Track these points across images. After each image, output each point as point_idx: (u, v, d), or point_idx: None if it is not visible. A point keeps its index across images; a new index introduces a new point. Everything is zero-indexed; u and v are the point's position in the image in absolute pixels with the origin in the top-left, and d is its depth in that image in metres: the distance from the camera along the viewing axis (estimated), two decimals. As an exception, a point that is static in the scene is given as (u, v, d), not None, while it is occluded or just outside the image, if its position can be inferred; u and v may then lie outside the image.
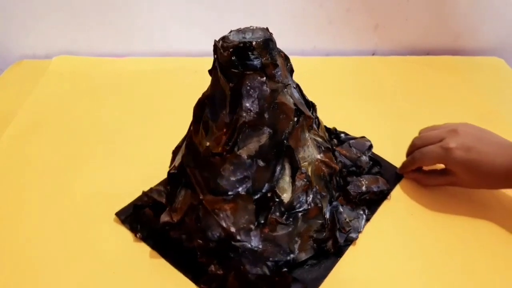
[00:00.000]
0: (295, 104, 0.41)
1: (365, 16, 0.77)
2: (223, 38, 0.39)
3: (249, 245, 0.39)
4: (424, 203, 0.48)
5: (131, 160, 0.55)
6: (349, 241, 0.44)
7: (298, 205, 0.41)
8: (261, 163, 0.39)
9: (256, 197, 0.39)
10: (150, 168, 0.52)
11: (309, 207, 0.41)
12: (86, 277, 0.41)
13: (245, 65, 0.38)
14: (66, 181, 0.52)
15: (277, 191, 0.40)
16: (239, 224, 0.39)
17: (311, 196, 0.42)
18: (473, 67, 0.76)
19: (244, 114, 0.38)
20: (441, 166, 0.47)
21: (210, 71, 0.42)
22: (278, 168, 0.40)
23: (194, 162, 0.41)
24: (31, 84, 0.70)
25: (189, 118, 0.60)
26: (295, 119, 0.41)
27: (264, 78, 0.38)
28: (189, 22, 0.77)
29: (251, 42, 0.37)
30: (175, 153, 0.50)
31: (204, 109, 0.41)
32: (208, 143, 0.40)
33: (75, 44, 0.78)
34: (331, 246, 0.43)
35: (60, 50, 0.77)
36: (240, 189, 0.39)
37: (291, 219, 0.40)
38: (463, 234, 0.45)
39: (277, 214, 0.40)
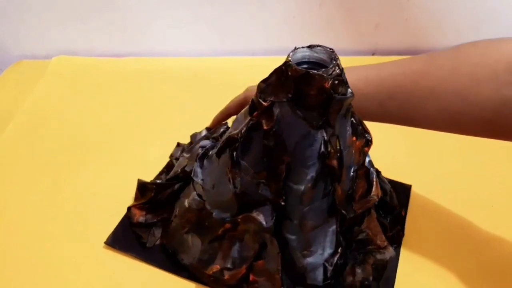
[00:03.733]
0: None
1: (365, 16, 0.77)
2: (327, 72, 0.32)
3: None
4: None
5: (131, 160, 0.54)
6: None
7: None
8: None
9: None
10: (150, 168, 0.52)
11: None
12: (86, 276, 0.41)
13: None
14: (65, 181, 0.51)
15: None
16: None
17: None
18: (473, 67, 0.76)
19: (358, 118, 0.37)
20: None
21: (326, 124, 0.34)
22: None
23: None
24: (30, 84, 0.70)
25: (188, 118, 0.61)
26: None
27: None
28: (189, 22, 0.77)
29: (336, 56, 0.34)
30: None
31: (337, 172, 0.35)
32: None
33: (75, 44, 0.78)
34: None
35: (59, 50, 0.77)
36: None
37: None
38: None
39: None
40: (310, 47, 0.35)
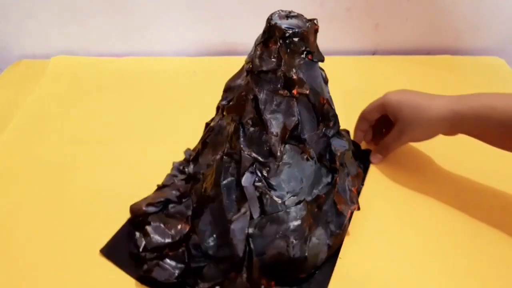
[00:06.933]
0: None
1: (365, 16, 0.77)
2: (309, 20, 0.41)
3: None
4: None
5: (131, 160, 0.54)
6: None
7: None
8: None
9: None
10: (150, 168, 0.52)
11: None
12: (85, 276, 0.41)
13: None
14: (65, 181, 0.51)
15: None
16: None
17: None
18: (473, 67, 0.76)
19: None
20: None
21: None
22: None
23: None
24: (30, 84, 0.70)
25: (188, 118, 0.60)
26: None
27: None
28: (189, 22, 0.77)
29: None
30: None
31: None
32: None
33: (75, 44, 0.78)
34: None
35: (59, 50, 0.77)
36: None
37: None
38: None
39: None
40: (270, 18, 0.43)
